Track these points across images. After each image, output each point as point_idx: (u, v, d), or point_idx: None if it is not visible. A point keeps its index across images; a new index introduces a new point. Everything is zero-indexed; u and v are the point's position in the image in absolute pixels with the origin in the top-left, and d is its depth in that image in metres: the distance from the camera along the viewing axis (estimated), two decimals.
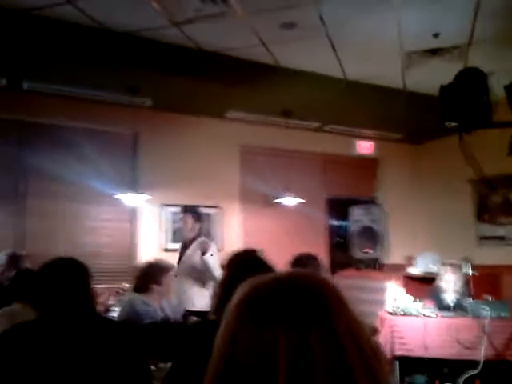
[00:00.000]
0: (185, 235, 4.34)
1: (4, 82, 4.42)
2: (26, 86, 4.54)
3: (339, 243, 6.62)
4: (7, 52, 3.81)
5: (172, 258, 5.10)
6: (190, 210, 4.33)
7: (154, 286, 3.24)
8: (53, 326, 1.68)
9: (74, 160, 4.91)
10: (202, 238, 4.22)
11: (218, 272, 3.85)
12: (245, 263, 1.84)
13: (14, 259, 3.80)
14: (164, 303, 3.36)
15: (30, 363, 1.57)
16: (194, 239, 4.24)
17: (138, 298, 3.22)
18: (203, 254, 4.02)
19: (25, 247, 4.60)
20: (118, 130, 5.17)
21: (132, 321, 3.00)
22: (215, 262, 4.02)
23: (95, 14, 3.65)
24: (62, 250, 4.52)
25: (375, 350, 0.68)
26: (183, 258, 4.23)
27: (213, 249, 4.12)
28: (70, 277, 1.79)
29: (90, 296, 1.83)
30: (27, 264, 3.85)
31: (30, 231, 4.78)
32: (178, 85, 4.55)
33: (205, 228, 5.55)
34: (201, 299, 4.00)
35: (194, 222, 4.26)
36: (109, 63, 4.09)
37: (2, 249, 4.29)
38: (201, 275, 4.07)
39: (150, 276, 3.28)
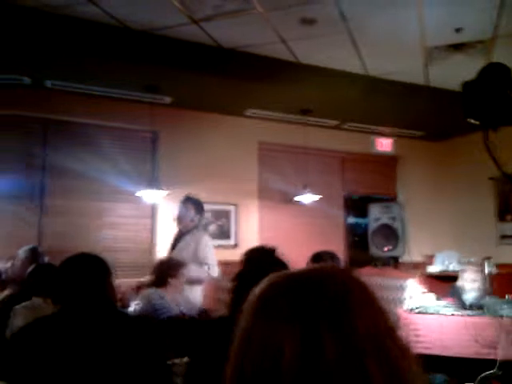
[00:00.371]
0: (183, 224, 4.13)
1: (28, 80, 4.50)
2: (48, 84, 4.62)
3: (357, 241, 6.57)
4: (30, 51, 3.88)
5: None
6: (192, 200, 4.20)
7: (170, 280, 3.28)
8: (73, 320, 1.71)
9: (95, 157, 4.98)
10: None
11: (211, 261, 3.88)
12: (260, 259, 1.84)
13: (33, 254, 3.84)
14: (179, 297, 3.38)
15: (50, 357, 1.60)
16: (190, 231, 4.09)
17: (155, 292, 3.26)
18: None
19: (46, 244, 4.68)
20: (138, 127, 5.21)
21: (149, 315, 3.03)
22: (211, 255, 3.99)
23: (116, 13, 3.68)
24: (83, 246, 4.57)
25: (404, 351, 0.63)
26: (175, 250, 4.06)
27: (206, 241, 4.07)
28: (91, 272, 1.81)
29: (110, 291, 1.85)
30: (46, 259, 3.91)
31: (52, 228, 4.85)
32: (198, 82, 4.57)
33: (222, 224, 5.61)
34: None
35: (195, 213, 4.13)
36: (129, 61, 4.12)
37: (24, 245, 4.38)
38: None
39: (166, 270, 3.32)
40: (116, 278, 1.96)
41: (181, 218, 4.14)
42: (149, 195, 4.83)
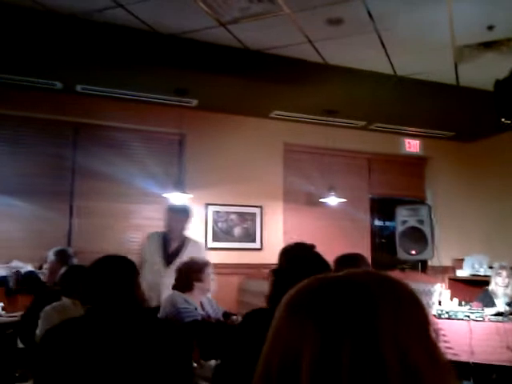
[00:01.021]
0: (174, 234, 4.04)
1: (59, 85, 4.60)
2: (79, 88, 4.71)
3: (383, 244, 6.48)
4: (61, 56, 3.96)
5: (215, 257, 5.20)
6: (181, 210, 4.12)
7: (196, 283, 3.28)
8: (101, 321, 1.72)
9: (123, 159, 5.06)
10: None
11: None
12: (299, 255, 1.82)
13: (63, 256, 3.91)
14: (204, 300, 3.38)
15: (78, 358, 1.61)
16: (183, 240, 4.04)
17: (179, 295, 3.26)
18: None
19: (75, 245, 4.77)
20: (165, 130, 5.27)
21: (173, 318, 3.04)
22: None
23: (145, 17, 3.72)
24: (109, 247, 4.64)
25: (438, 360, 0.61)
26: (176, 262, 3.82)
27: (200, 249, 4.06)
28: (120, 273, 1.83)
29: (137, 293, 1.86)
30: (76, 261, 3.98)
31: (80, 229, 4.94)
32: (224, 85, 4.59)
33: (247, 227, 5.61)
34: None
35: (185, 222, 4.06)
36: (158, 65, 4.17)
37: (54, 246, 4.46)
38: None
39: (191, 274, 3.31)
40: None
41: (177, 230, 4.04)
42: (175, 197, 4.86)
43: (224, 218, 5.49)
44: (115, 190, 4.96)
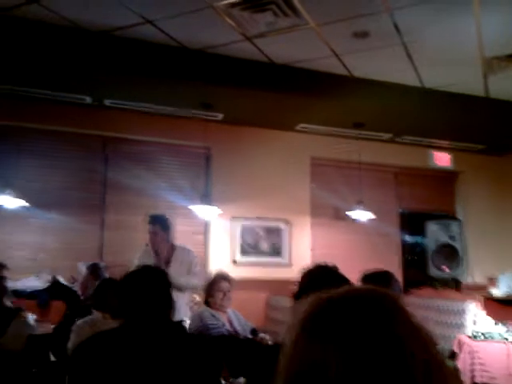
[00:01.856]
0: (155, 248, 3.92)
1: (88, 99, 4.75)
2: (107, 102, 4.84)
3: (413, 260, 6.33)
4: (91, 72, 4.08)
5: (242, 272, 5.19)
6: (158, 220, 3.94)
7: (211, 299, 3.30)
8: (133, 335, 1.72)
9: (150, 173, 5.14)
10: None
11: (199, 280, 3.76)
12: (321, 278, 1.78)
13: (94, 270, 3.97)
14: (232, 316, 3.36)
15: (111, 371, 1.61)
16: (170, 251, 3.94)
17: (207, 310, 3.26)
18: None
19: (105, 257, 4.85)
20: (191, 143, 5.33)
21: (201, 333, 3.03)
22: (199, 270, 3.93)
23: (173, 33, 3.83)
24: None
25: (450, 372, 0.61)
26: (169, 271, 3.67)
27: (189, 254, 4.00)
28: (154, 286, 1.82)
29: (170, 306, 1.84)
30: (107, 274, 4.03)
31: (110, 241, 5.01)
32: (250, 98, 4.63)
33: (274, 241, 5.58)
34: (186, 309, 3.87)
35: (163, 233, 3.89)
36: (183, 79, 4.24)
37: (86, 258, 4.55)
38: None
39: (205, 291, 3.34)
40: None
41: (157, 243, 3.92)
42: (202, 211, 4.90)
43: (251, 232, 5.49)
44: (144, 203, 5.03)
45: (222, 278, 3.42)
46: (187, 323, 3.36)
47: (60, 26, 3.72)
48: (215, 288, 3.33)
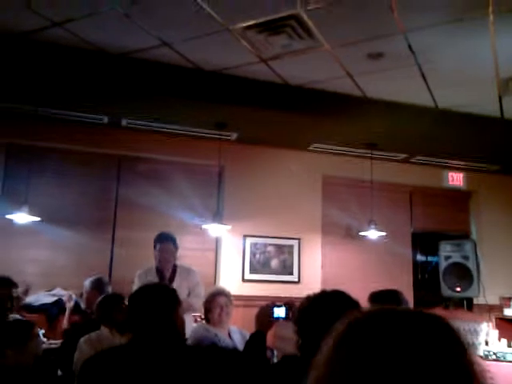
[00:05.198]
0: (162, 265, 3.99)
1: (105, 119, 4.81)
2: (124, 122, 4.89)
3: (426, 280, 6.26)
4: (107, 92, 4.14)
5: (251, 289, 5.16)
6: (171, 237, 4.05)
7: (210, 315, 3.29)
8: (140, 351, 1.71)
9: (163, 191, 5.16)
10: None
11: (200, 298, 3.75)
12: (328, 301, 1.75)
13: (98, 285, 3.95)
14: (233, 331, 3.32)
15: None
16: (174, 268, 4.03)
17: (201, 325, 3.25)
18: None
19: (116, 273, 4.86)
20: (204, 162, 5.35)
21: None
22: (201, 291, 3.93)
23: (189, 55, 3.86)
24: None
25: None
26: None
27: (192, 273, 4.02)
28: (161, 303, 1.82)
29: (178, 323, 1.85)
30: (111, 289, 4.01)
31: (121, 258, 5.03)
32: (264, 119, 4.65)
33: (285, 259, 5.55)
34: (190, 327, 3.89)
35: (175, 251, 4.01)
36: (198, 100, 4.28)
37: (96, 274, 4.54)
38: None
39: (204, 308, 3.33)
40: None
41: (170, 262, 4.00)
42: (213, 229, 4.90)
43: (261, 250, 5.47)
44: (156, 221, 5.04)
45: (219, 293, 3.38)
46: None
47: (81, 48, 3.78)
48: (213, 303, 3.30)
